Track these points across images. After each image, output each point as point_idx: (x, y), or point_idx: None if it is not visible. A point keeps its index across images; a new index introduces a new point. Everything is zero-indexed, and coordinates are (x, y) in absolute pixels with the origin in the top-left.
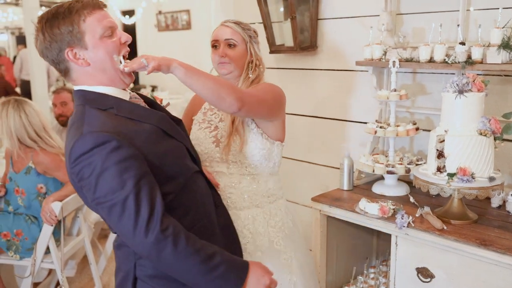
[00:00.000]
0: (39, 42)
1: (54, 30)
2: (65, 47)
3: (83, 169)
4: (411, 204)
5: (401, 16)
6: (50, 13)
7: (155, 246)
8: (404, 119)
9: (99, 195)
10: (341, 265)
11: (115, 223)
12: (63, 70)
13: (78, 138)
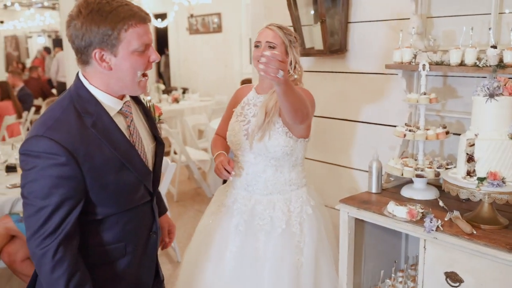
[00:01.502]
0: (72, 27)
1: (92, 26)
2: (95, 46)
3: (26, 162)
4: (440, 208)
5: (432, 19)
6: (95, 6)
7: (39, 258)
8: (434, 122)
9: (25, 190)
10: (369, 268)
11: (25, 218)
12: (83, 60)
13: (36, 135)
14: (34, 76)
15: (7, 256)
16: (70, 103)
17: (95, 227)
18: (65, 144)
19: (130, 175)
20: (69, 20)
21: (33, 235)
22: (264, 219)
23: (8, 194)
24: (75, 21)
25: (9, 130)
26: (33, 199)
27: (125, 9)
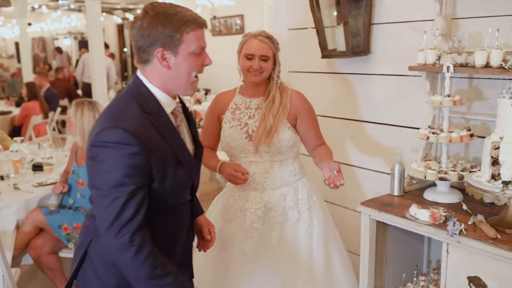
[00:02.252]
0: (137, 27)
1: (158, 27)
2: (158, 45)
3: (99, 153)
4: (464, 212)
5: (457, 21)
6: (161, 8)
7: (119, 248)
8: (458, 125)
9: (97, 182)
10: (390, 271)
11: (98, 210)
12: (143, 59)
13: (110, 127)
14: (60, 77)
15: (35, 249)
16: (133, 99)
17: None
18: (136, 135)
19: (184, 171)
20: (134, 20)
21: (110, 225)
22: (277, 211)
23: (35, 192)
24: (140, 21)
25: (35, 130)
26: (108, 190)
27: (187, 14)
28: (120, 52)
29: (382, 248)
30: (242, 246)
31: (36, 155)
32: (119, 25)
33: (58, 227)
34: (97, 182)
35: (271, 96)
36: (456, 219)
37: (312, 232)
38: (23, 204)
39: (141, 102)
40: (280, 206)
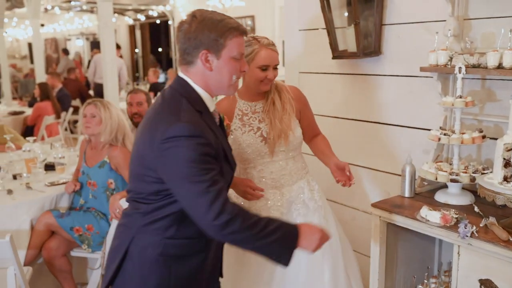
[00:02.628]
0: (184, 30)
1: (204, 31)
2: (203, 48)
3: (172, 148)
4: (476, 214)
5: (469, 21)
6: (208, 14)
7: (222, 227)
8: (470, 126)
9: (181, 173)
10: (401, 273)
11: (188, 199)
12: (187, 61)
13: (176, 122)
14: (72, 77)
15: (48, 251)
16: (182, 98)
17: (185, 218)
18: (200, 128)
19: (229, 167)
20: (181, 24)
21: (207, 210)
22: (298, 203)
23: (47, 192)
24: (188, 25)
25: (48, 130)
26: (192, 178)
27: (231, 22)
28: (132, 53)
29: (393, 250)
30: None
31: (48, 154)
32: (131, 26)
33: (70, 229)
34: (181, 173)
35: (269, 99)
36: (467, 221)
37: (328, 219)
38: (36, 203)
39: (191, 101)
40: (300, 199)
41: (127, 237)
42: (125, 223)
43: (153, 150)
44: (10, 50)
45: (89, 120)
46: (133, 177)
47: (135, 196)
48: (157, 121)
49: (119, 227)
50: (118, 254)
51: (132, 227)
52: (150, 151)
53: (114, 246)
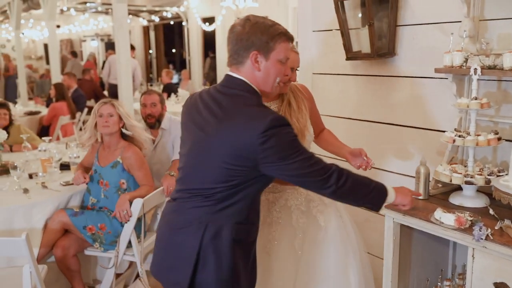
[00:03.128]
0: (237, 31)
1: (257, 33)
2: (254, 49)
3: (273, 136)
4: (491, 217)
5: (485, 22)
6: (260, 19)
7: (340, 188)
8: (486, 128)
9: (290, 156)
10: (414, 275)
11: (305, 176)
12: (237, 60)
13: (268, 114)
14: (87, 78)
15: (61, 250)
16: (248, 93)
17: (253, 203)
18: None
19: None
20: (234, 26)
21: (326, 179)
22: (316, 201)
23: (62, 191)
24: (241, 27)
25: (63, 130)
26: (302, 156)
27: (280, 28)
28: (146, 54)
29: (406, 252)
30: (292, 244)
31: (64, 154)
32: (145, 27)
33: (83, 228)
34: (289, 156)
35: (285, 99)
36: (482, 223)
37: (345, 220)
38: (51, 202)
39: (254, 96)
40: (317, 196)
41: (199, 227)
42: (192, 217)
43: (252, 144)
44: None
45: (107, 119)
46: (207, 172)
47: (205, 190)
48: (242, 117)
49: (188, 223)
50: (191, 255)
51: (201, 217)
52: (247, 145)
53: (185, 245)
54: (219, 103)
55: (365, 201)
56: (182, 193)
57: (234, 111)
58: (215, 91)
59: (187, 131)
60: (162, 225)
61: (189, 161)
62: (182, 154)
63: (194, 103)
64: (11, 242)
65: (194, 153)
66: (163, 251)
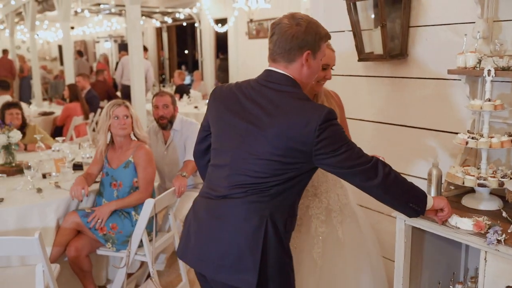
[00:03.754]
0: (295, 29)
1: (311, 33)
2: (307, 48)
3: (328, 128)
4: (504, 219)
5: (499, 23)
6: (311, 19)
7: (386, 177)
8: (500, 130)
9: (343, 147)
10: (425, 278)
11: (356, 166)
12: (288, 58)
13: (325, 108)
14: (100, 79)
15: (75, 250)
16: (297, 89)
17: (299, 196)
18: None
19: None
20: (283, 23)
21: (374, 169)
22: (336, 211)
23: None
24: (298, 25)
25: (76, 130)
26: (355, 148)
27: (324, 29)
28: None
29: (418, 254)
30: (311, 254)
31: (77, 154)
32: (158, 28)
33: (95, 229)
34: (342, 147)
35: (319, 101)
36: (500, 228)
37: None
38: (64, 202)
39: (301, 91)
40: (337, 205)
41: (261, 223)
42: (252, 212)
43: (309, 136)
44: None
45: (124, 121)
46: (261, 166)
47: (261, 184)
48: (296, 111)
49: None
50: (255, 241)
51: (261, 211)
52: (304, 138)
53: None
54: (269, 97)
55: (410, 197)
56: (235, 188)
57: (287, 105)
58: (258, 86)
59: (225, 124)
60: (207, 220)
61: (237, 156)
62: (218, 149)
63: (232, 96)
64: (24, 241)
65: (243, 147)
66: (214, 247)
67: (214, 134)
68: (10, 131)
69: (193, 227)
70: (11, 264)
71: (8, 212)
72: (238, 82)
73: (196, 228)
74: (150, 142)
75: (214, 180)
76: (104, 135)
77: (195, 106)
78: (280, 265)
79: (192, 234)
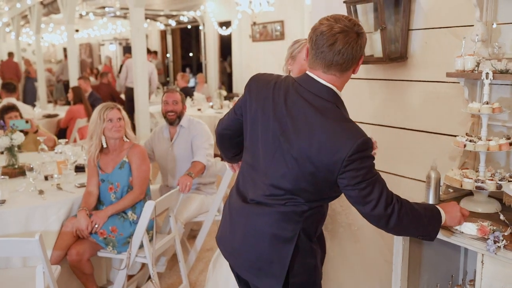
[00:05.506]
0: (358, 40)
1: (363, 44)
2: (359, 58)
3: (358, 160)
4: (501, 222)
5: (498, 26)
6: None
7: (396, 214)
8: (499, 133)
9: (368, 179)
10: (424, 280)
11: (377, 199)
12: (346, 68)
13: (362, 136)
14: (105, 81)
15: (76, 254)
16: (338, 108)
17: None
18: None
19: None
20: (356, 34)
21: (390, 207)
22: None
23: (77, 193)
24: (362, 35)
25: (80, 132)
26: (380, 183)
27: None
28: (163, 58)
29: (416, 257)
30: None
31: (79, 156)
32: (162, 31)
33: (95, 233)
34: (366, 180)
35: None
36: (501, 233)
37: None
38: (65, 204)
39: (344, 109)
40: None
41: (294, 233)
42: (284, 223)
43: (336, 163)
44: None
45: (118, 124)
46: (298, 178)
47: (297, 198)
48: (336, 132)
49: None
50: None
51: (294, 223)
52: (332, 162)
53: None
54: (304, 113)
55: (424, 231)
56: (271, 198)
57: (322, 127)
58: (296, 95)
59: (258, 127)
60: (241, 224)
61: (273, 168)
62: (252, 150)
63: (268, 96)
64: (25, 242)
65: (274, 161)
66: (245, 249)
67: (248, 132)
68: (12, 133)
69: (228, 222)
70: (12, 265)
71: (10, 214)
72: (277, 78)
73: (230, 225)
74: (155, 140)
75: (249, 181)
76: (98, 139)
77: (198, 109)
78: (305, 268)
79: (228, 228)
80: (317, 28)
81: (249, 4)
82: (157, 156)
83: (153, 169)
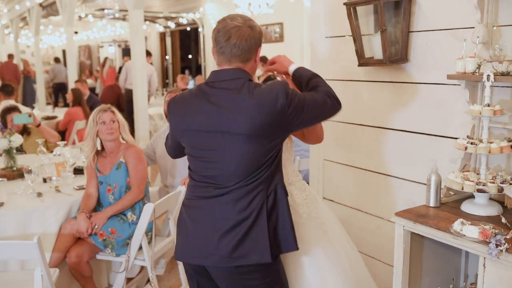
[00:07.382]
0: (247, 33)
1: (260, 33)
2: (258, 46)
3: (291, 96)
4: (503, 225)
5: (499, 28)
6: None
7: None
8: (500, 135)
9: (307, 104)
10: (425, 284)
11: (318, 111)
12: (247, 58)
13: (281, 83)
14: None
15: (75, 256)
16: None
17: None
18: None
19: None
20: (240, 28)
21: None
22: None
23: (75, 195)
24: (248, 28)
25: (78, 134)
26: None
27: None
28: (162, 60)
29: (417, 260)
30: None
31: (78, 159)
32: (161, 33)
33: (94, 234)
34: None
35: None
36: (503, 236)
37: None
38: (64, 206)
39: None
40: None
41: (261, 206)
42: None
43: (282, 112)
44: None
45: (111, 126)
46: (253, 162)
47: (254, 177)
48: (261, 97)
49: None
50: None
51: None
52: (279, 116)
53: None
54: (239, 94)
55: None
56: (229, 186)
57: (254, 96)
58: (221, 84)
59: (199, 136)
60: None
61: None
62: (199, 158)
63: (194, 106)
64: (23, 245)
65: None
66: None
67: (191, 148)
68: (11, 135)
69: (192, 227)
70: (9, 269)
71: (8, 216)
72: (193, 91)
73: (197, 227)
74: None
75: (203, 182)
76: (92, 141)
77: None
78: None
79: (192, 234)
80: (216, 28)
81: (248, 6)
82: (158, 156)
83: (152, 171)
